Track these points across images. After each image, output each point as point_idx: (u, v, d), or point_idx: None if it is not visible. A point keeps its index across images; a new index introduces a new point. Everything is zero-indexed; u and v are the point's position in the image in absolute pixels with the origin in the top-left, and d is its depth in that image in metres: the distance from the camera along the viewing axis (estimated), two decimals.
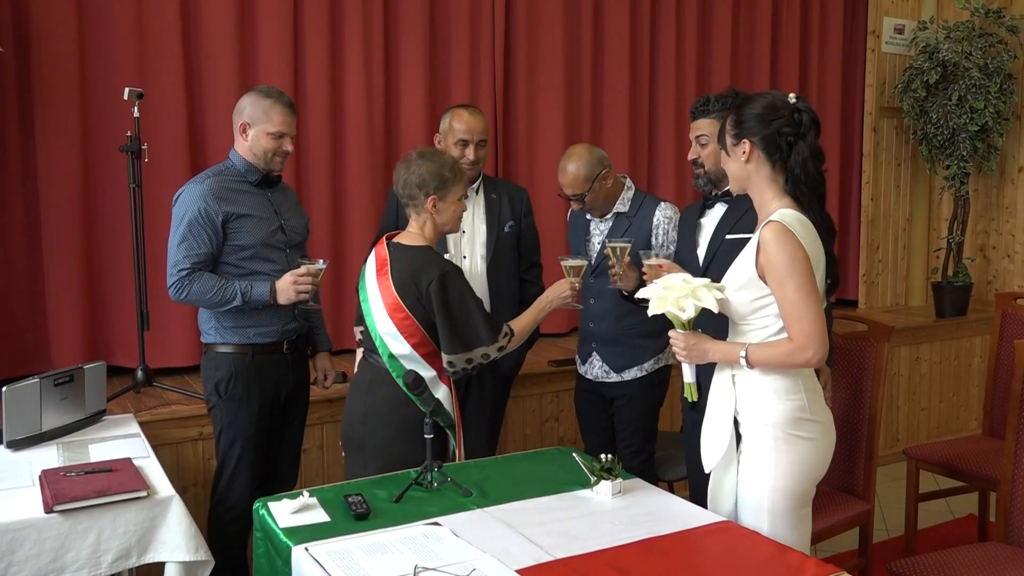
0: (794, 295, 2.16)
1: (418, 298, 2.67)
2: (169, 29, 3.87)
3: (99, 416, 3.11)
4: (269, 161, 3.00)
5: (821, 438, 2.28)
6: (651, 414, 3.36)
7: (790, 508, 2.26)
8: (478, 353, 2.71)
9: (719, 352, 2.30)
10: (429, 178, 2.71)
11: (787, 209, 2.25)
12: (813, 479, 2.30)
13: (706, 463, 2.38)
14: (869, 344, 3.22)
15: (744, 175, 2.33)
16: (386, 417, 2.72)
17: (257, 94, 3.01)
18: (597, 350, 3.32)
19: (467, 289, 2.71)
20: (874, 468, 3.20)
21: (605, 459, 2.47)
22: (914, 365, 5.41)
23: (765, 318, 2.25)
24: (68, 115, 3.73)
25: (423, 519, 2.25)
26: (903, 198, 5.98)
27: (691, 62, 5.23)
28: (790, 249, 2.15)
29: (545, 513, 2.30)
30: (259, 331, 2.99)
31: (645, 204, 3.26)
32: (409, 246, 2.74)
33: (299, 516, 2.27)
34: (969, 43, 5.37)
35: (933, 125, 5.51)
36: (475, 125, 3.32)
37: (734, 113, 2.33)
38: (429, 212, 2.74)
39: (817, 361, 2.18)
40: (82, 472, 2.51)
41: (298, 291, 2.91)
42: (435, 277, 2.64)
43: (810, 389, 2.27)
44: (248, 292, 2.91)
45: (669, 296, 2.27)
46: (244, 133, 2.99)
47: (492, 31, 4.64)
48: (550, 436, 4.20)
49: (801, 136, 2.25)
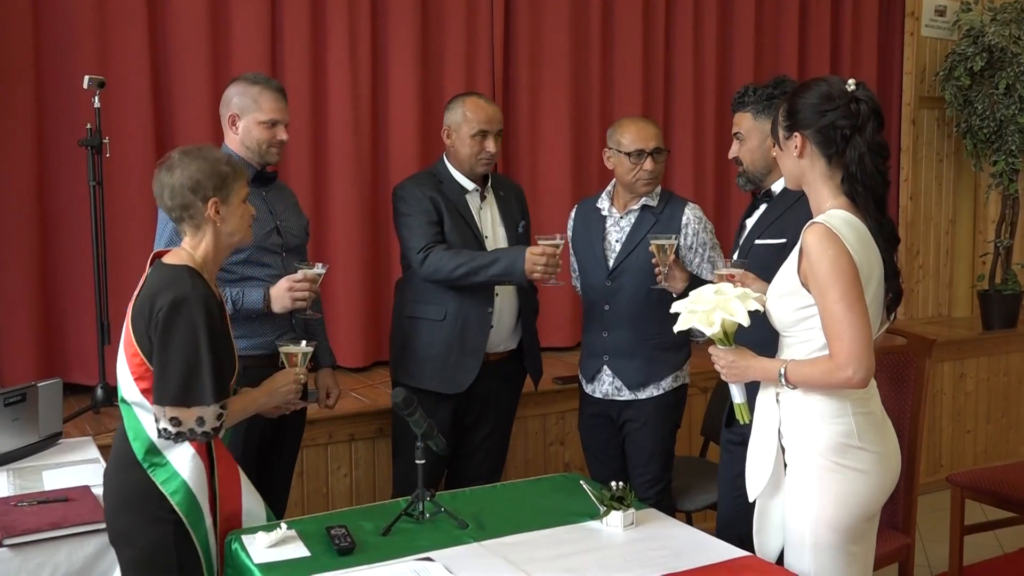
0: (835, 306, 2.14)
1: (146, 327, 2.33)
2: (133, 10, 3.87)
3: (54, 439, 3.10)
4: (264, 153, 3.02)
5: (873, 469, 2.25)
6: (668, 438, 3.34)
7: (835, 544, 2.24)
8: (193, 415, 2.29)
9: (760, 370, 2.30)
10: (204, 178, 2.39)
11: (838, 210, 2.24)
12: (864, 513, 2.27)
13: (750, 491, 2.37)
14: (909, 359, 3.21)
15: (798, 171, 2.32)
16: (112, 479, 2.41)
17: (243, 82, 3.03)
18: (609, 364, 3.31)
19: (210, 329, 2.32)
20: (915, 497, 3.19)
21: (616, 487, 2.46)
22: (959, 383, 5.40)
23: (809, 331, 2.24)
24: (20, 106, 3.72)
25: (414, 554, 2.24)
26: (945, 197, 5.98)
27: (710, 49, 5.24)
28: (832, 254, 2.14)
29: (549, 547, 2.29)
30: (251, 342, 2.97)
31: (672, 201, 3.31)
32: (166, 265, 2.42)
33: (276, 551, 2.26)
34: (1018, 26, 5.37)
35: (978, 117, 5.51)
36: (494, 113, 3.32)
37: (787, 103, 2.32)
38: (212, 221, 2.42)
39: (859, 382, 2.16)
40: (35, 502, 2.50)
41: (294, 298, 2.89)
42: (168, 301, 2.29)
43: (861, 413, 2.25)
44: (240, 299, 2.90)
45: (698, 310, 2.27)
46: (233, 125, 3.01)
47: (491, 15, 4.65)
48: (555, 461, 4.19)
49: (858, 129, 2.24)
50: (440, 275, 3.18)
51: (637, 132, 3.25)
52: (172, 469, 2.32)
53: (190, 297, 2.31)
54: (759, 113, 2.90)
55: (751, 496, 2.37)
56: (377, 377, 4.31)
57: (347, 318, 4.35)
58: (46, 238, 3.83)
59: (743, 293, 2.27)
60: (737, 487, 2.68)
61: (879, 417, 2.31)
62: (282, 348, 2.67)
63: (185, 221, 2.43)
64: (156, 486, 2.30)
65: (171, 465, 2.32)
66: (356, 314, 4.37)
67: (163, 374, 2.29)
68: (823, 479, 2.23)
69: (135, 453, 2.33)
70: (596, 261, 3.31)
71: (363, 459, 3.80)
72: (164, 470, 2.32)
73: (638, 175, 3.24)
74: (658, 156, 3.25)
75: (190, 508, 2.32)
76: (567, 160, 4.82)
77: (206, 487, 2.36)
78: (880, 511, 2.36)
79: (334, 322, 4.17)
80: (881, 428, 2.30)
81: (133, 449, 2.34)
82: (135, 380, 2.34)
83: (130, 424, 2.36)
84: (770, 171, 2.90)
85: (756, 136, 2.91)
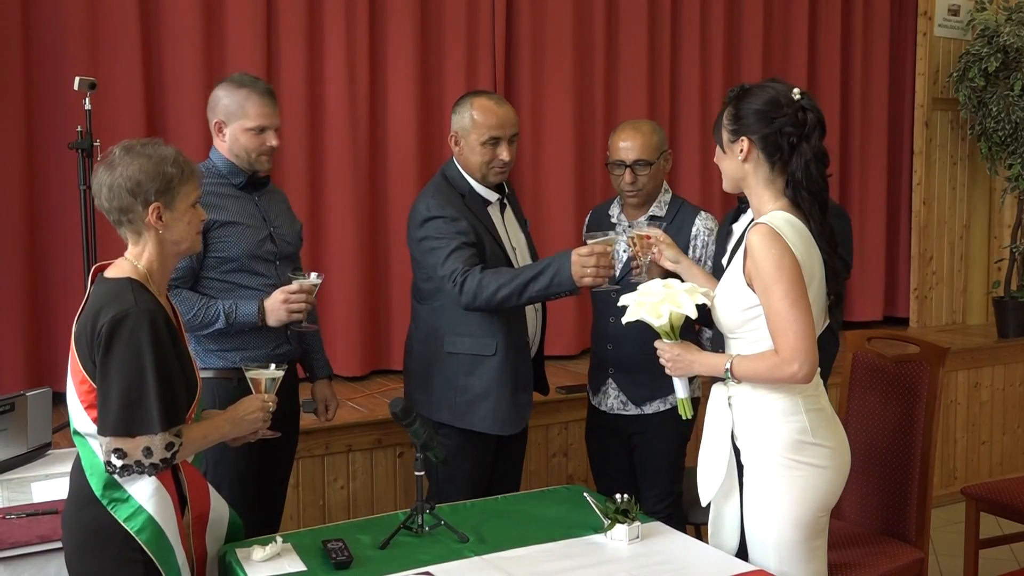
0: (779, 303, 2.23)
1: (90, 350, 2.16)
2: (126, 9, 3.89)
3: (43, 450, 3.11)
4: (253, 162, 2.97)
5: (829, 463, 2.34)
6: (677, 451, 3.33)
7: (799, 540, 2.32)
8: (139, 446, 2.11)
9: (706, 364, 2.41)
10: (146, 179, 2.20)
11: (780, 211, 2.32)
12: (824, 507, 2.36)
13: (703, 494, 2.45)
14: (922, 368, 3.21)
15: (740, 175, 2.41)
16: (71, 519, 2.23)
17: (229, 85, 2.97)
18: (614, 377, 3.30)
19: (156, 348, 2.13)
20: (928, 510, 3.19)
21: (621, 500, 2.46)
22: (973, 392, 5.40)
23: (756, 331, 2.32)
24: (8, 107, 3.74)
25: (413, 568, 2.24)
26: (959, 202, 5.98)
27: (718, 50, 5.25)
28: (776, 253, 2.23)
29: (552, 561, 2.30)
30: (245, 355, 2.91)
31: (683, 211, 3.27)
32: (107, 279, 2.24)
33: (271, 564, 2.26)
34: None
35: (993, 119, 5.51)
36: (507, 116, 3.07)
37: (732, 106, 2.40)
38: (154, 228, 2.23)
39: (803, 377, 2.25)
40: (23, 514, 2.51)
41: (290, 311, 2.85)
42: (109, 318, 2.12)
43: (812, 410, 2.34)
44: (233, 313, 2.86)
45: (646, 302, 2.37)
46: (220, 132, 2.96)
47: (492, 14, 4.66)
48: (558, 473, 4.19)
49: (805, 137, 2.32)
50: (480, 301, 2.89)
51: (622, 142, 3.21)
52: (135, 504, 2.15)
53: (131, 313, 2.13)
54: None
55: (704, 500, 2.46)
56: (375, 386, 4.31)
57: (344, 326, 4.35)
58: (35, 244, 3.84)
59: (691, 287, 2.39)
60: None
61: (829, 413, 2.40)
62: (248, 372, 2.46)
63: (124, 226, 2.25)
64: (119, 524, 2.14)
65: (133, 499, 2.15)
66: (353, 322, 4.37)
67: (105, 401, 2.11)
68: (783, 477, 2.31)
69: (92, 489, 2.16)
70: None
71: (361, 470, 3.80)
72: (126, 506, 2.15)
73: (621, 187, 3.24)
74: (640, 169, 3.18)
75: (159, 546, 2.15)
76: (570, 164, 4.82)
77: (175, 519, 2.19)
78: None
79: (331, 330, 4.17)
80: (831, 423, 2.39)
81: (90, 485, 2.17)
82: (85, 409, 2.18)
83: (85, 458, 2.19)
84: None
85: None
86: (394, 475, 3.86)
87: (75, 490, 2.22)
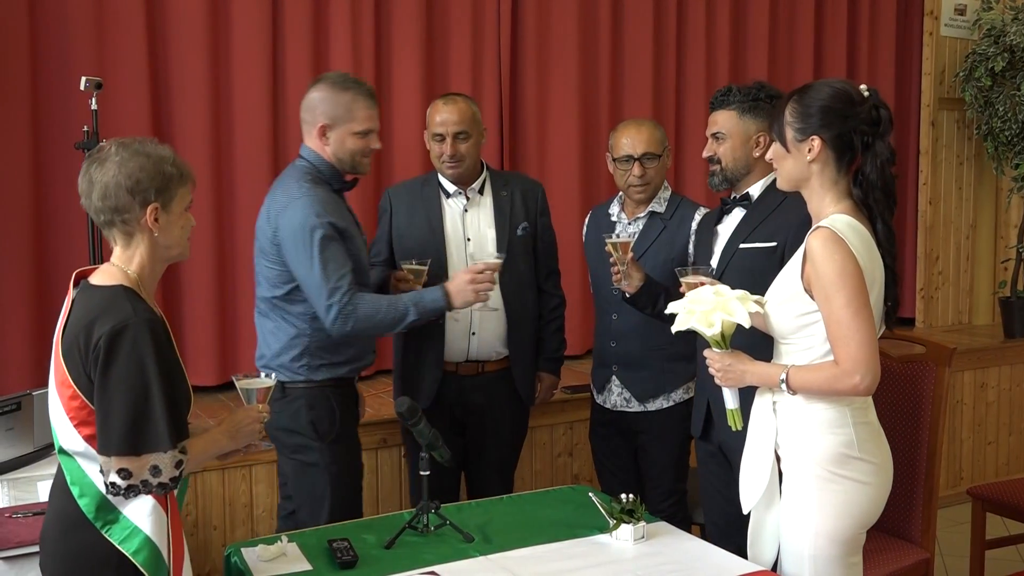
0: (841, 312, 2.15)
1: (83, 364, 2.03)
2: (131, 9, 3.89)
3: (49, 449, 3.11)
4: (357, 164, 2.95)
5: (873, 480, 2.28)
6: (682, 449, 3.34)
7: (836, 556, 2.26)
8: (146, 464, 2.00)
9: (758, 374, 2.30)
10: (146, 178, 2.10)
11: (842, 215, 2.24)
12: (863, 524, 2.30)
13: (744, 502, 2.38)
14: (927, 368, 3.21)
15: (804, 175, 2.31)
16: (53, 545, 2.10)
17: (331, 87, 2.91)
18: (617, 374, 3.32)
19: (159, 359, 2.03)
20: (934, 511, 3.19)
21: (626, 499, 2.47)
22: (979, 392, 5.39)
23: (810, 338, 2.25)
24: (15, 107, 3.74)
25: (418, 568, 2.25)
26: (966, 202, 5.97)
27: (723, 48, 5.25)
28: (839, 259, 2.16)
29: (557, 561, 2.31)
30: (353, 367, 2.95)
31: (682, 207, 3.31)
32: (97, 287, 2.11)
33: (276, 564, 2.27)
34: None
35: (1000, 119, 5.50)
36: (449, 115, 3.22)
37: (797, 103, 2.30)
38: (148, 231, 2.12)
39: (865, 389, 2.18)
40: (29, 514, 2.52)
41: (477, 291, 2.82)
42: (106, 331, 2.00)
43: (861, 423, 2.27)
44: (420, 302, 2.81)
45: (697, 310, 2.27)
46: (323, 137, 2.90)
47: (497, 13, 4.66)
48: (563, 473, 4.19)
49: (880, 136, 2.25)
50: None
51: (627, 138, 3.25)
52: (130, 525, 2.03)
53: (131, 323, 2.00)
54: (744, 113, 2.93)
55: (746, 508, 2.38)
56: (380, 386, 4.31)
57: None
58: (41, 243, 3.85)
59: (743, 294, 2.27)
60: (725, 499, 2.70)
61: (876, 428, 2.33)
62: (240, 383, 2.32)
63: (116, 227, 2.13)
64: (114, 547, 2.02)
65: (128, 520, 2.03)
66: None
67: (106, 419, 1.99)
68: (822, 490, 2.25)
69: (84, 512, 2.03)
70: (605, 269, 3.32)
71: (366, 470, 3.78)
72: (121, 527, 2.03)
73: (628, 181, 3.25)
74: (649, 162, 3.23)
75: (156, 568, 2.04)
76: (576, 162, 4.83)
77: (168, 540, 2.07)
78: None
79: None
80: (878, 438, 2.32)
81: (80, 507, 2.03)
82: (76, 426, 2.03)
83: (74, 478, 2.05)
84: (749, 172, 2.93)
85: (739, 135, 2.93)
86: (399, 475, 3.87)
87: (60, 514, 2.08)
